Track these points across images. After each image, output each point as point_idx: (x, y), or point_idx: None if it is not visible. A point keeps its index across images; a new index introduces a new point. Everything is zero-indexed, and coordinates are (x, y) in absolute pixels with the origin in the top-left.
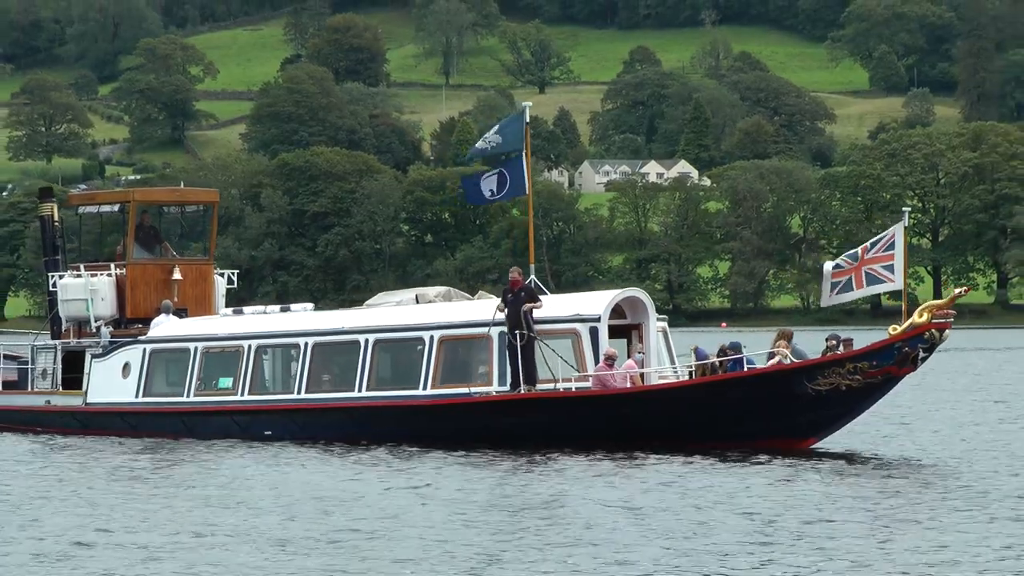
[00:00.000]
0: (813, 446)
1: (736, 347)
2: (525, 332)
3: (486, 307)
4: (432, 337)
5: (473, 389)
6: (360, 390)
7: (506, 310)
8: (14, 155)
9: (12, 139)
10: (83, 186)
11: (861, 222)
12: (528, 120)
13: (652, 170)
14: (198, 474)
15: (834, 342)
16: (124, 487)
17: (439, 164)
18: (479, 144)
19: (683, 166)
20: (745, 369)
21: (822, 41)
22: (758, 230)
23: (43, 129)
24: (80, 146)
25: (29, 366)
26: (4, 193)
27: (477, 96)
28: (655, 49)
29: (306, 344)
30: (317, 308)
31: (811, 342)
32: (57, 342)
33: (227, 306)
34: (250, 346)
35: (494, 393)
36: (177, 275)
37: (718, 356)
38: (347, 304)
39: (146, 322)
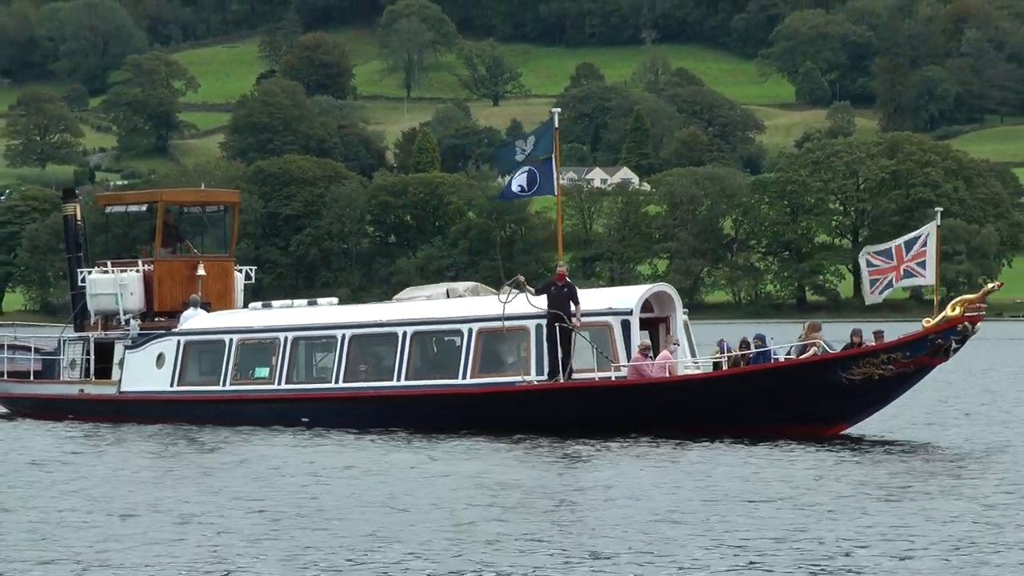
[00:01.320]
0: (843, 432)
1: (761, 339)
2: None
3: (521, 301)
4: (471, 329)
5: (512, 378)
6: (399, 379)
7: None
8: (11, 162)
9: (9, 147)
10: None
11: (787, 224)
12: (557, 125)
13: (596, 176)
14: (249, 458)
15: (858, 339)
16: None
17: (401, 171)
18: (517, 156)
19: (625, 172)
20: (772, 361)
21: (752, 58)
22: (694, 231)
23: (38, 138)
24: (72, 154)
25: (59, 356)
26: (2, 197)
27: (436, 108)
28: (599, 65)
29: (343, 336)
30: (343, 302)
31: (738, 333)
32: (90, 334)
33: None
34: (287, 338)
35: (535, 382)
36: (201, 271)
37: (741, 348)
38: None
39: (172, 315)
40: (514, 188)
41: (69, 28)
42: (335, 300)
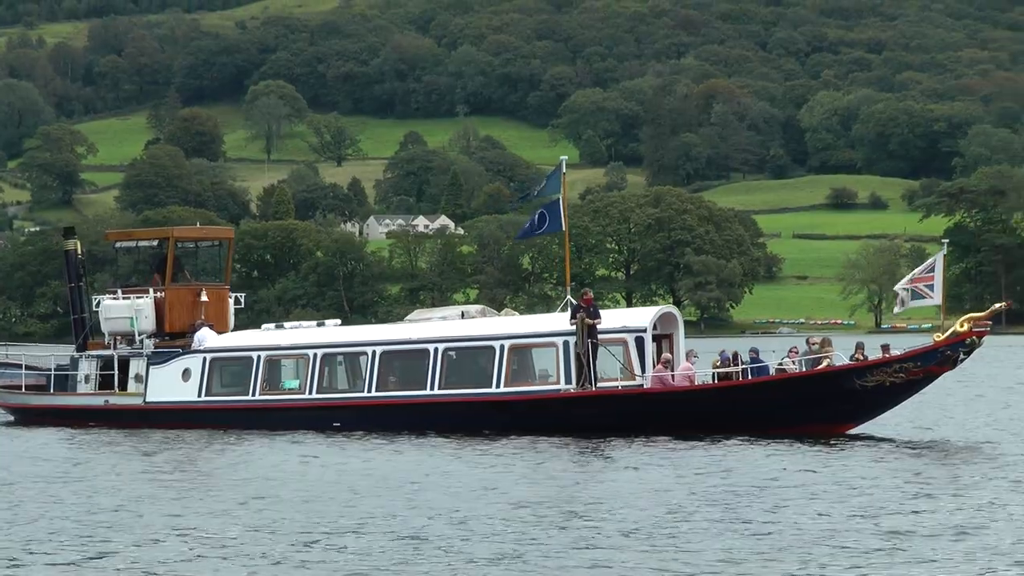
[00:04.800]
0: (851, 431)
1: (755, 352)
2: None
3: (548, 320)
4: (503, 345)
5: (541, 387)
6: (432, 389)
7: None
8: None
9: None
10: None
11: (573, 260)
12: (564, 171)
13: (421, 223)
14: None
15: (861, 355)
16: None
17: (263, 219)
18: (533, 195)
19: (443, 219)
20: (771, 373)
21: (545, 127)
22: (498, 267)
23: None
24: None
25: (72, 372)
26: None
27: (291, 168)
28: (423, 133)
29: (374, 352)
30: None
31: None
32: (112, 352)
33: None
34: (316, 354)
35: (571, 390)
36: (204, 297)
37: (733, 362)
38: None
39: (181, 336)
40: (526, 226)
41: None
42: (338, 321)
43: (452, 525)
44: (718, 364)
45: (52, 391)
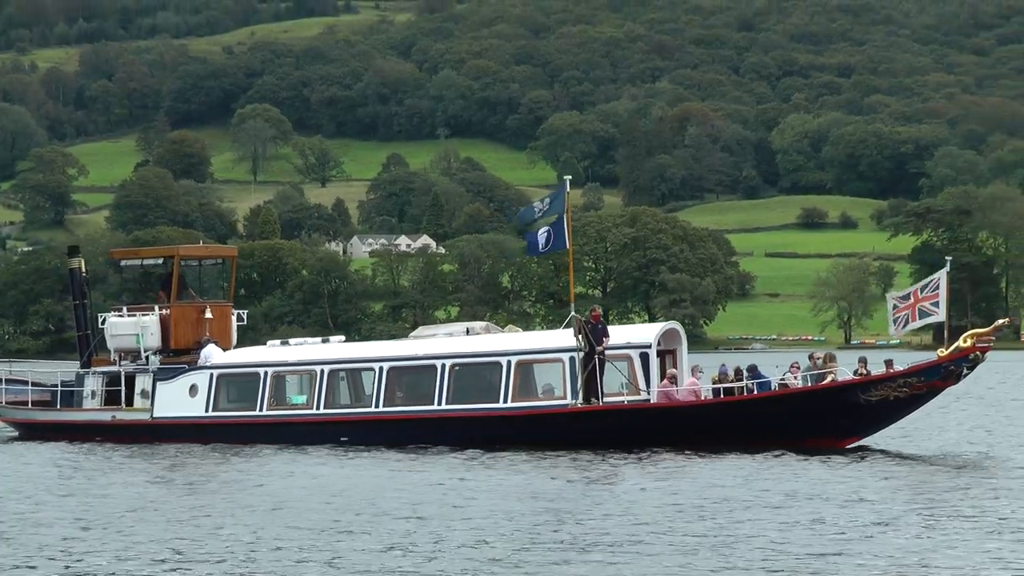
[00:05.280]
0: (854, 444)
1: (753, 369)
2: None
3: (554, 337)
4: (510, 361)
5: (548, 402)
6: (439, 404)
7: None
8: None
9: None
10: None
11: (551, 278)
12: (568, 190)
13: (403, 242)
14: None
15: (864, 370)
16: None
17: (249, 239)
18: (536, 208)
19: (425, 239)
20: (772, 388)
21: (523, 149)
22: (479, 285)
23: None
24: None
25: (77, 388)
26: None
27: (277, 189)
28: (404, 155)
29: (381, 368)
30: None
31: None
32: (119, 368)
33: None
34: (323, 370)
35: (579, 405)
36: (208, 314)
37: (735, 377)
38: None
39: (185, 352)
40: (539, 244)
41: None
42: (342, 338)
43: (425, 538)
44: (716, 379)
45: (59, 406)
